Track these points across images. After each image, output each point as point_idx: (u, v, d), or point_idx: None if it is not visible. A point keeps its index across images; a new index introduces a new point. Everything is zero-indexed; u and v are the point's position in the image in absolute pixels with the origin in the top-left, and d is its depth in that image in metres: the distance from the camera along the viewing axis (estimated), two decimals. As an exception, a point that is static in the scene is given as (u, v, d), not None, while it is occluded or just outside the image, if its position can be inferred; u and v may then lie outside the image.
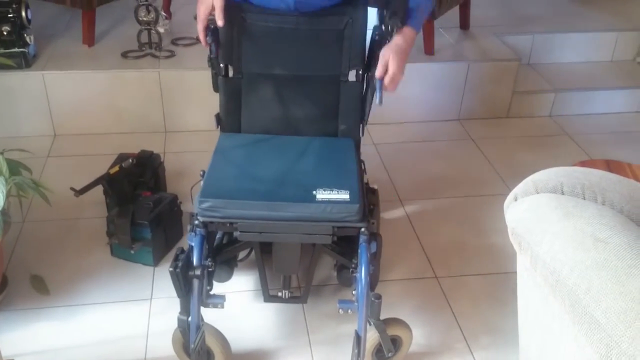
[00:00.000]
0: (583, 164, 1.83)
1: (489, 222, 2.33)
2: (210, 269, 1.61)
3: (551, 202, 1.07)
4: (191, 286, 1.50)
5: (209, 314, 1.58)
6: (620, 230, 1.00)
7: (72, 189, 2.12)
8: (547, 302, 1.03)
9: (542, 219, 1.04)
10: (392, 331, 1.66)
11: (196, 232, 1.52)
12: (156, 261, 2.05)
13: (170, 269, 1.46)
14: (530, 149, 2.87)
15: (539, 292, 1.06)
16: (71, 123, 2.76)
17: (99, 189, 2.17)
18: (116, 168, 2.16)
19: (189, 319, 1.52)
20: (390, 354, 1.67)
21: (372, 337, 1.62)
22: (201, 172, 1.70)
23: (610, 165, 1.76)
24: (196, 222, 1.52)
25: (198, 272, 1.49)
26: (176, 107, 2.80)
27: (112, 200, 2.15)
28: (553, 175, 1.18)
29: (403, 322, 1.70)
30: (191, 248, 1.52)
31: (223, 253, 1.72)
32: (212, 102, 1.80)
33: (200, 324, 1.53)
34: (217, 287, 1.67)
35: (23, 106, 2.70)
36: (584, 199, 1.12)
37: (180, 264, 1.46)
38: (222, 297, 1.61)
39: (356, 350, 1.49)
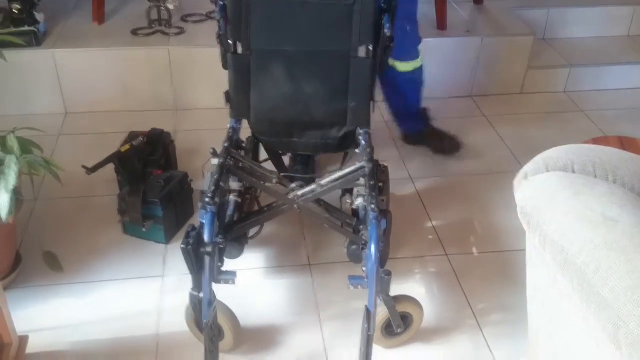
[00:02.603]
0: (596, 140, 1.81)
1: (500, 200, 2.31)
2: (221, 246, 1.62)
3: (561, 180, 1.06)
4: (203, 263, 1.51)
5: (220, 291, 1.59)
6: (630, 209, 0.99)
7: (83, 167, 2.13)
8: (556, 281, 1.02)
9: (552, 198, 1.03)
10: (402, 308, 1.67)
11: (207, 210, 1.53)
12: (168, 239, 2.07)
13: (182, 246, 1.47)
14: (544, 125, 2.84)
15: (547, 271, 1.06)
16: (82, 101, 2.76)
17: (110, 167, 2.18)
18: (127, 146, 2.17)
19: (201, 295, 1.53)
20: (399, 330, 1.68)
21: (381, 312, 1.63)
22: (211, 150, 1.70)
23: (624, 142, 1.73)
24: (206, 199, 1.53)
25: (209, 249, 1.49)
26: (186, 85, 2.79)
27: (124, 179, 2.16)
28: (563, 154, 1.17)
29: (413, 299, 1.71)
30: (202, 225, 1.52)
31: (234, 230, 1.73)
32: (223, 80, 1.79)
33: (212, 300, 1.55)
34: (228, 264, 1.68)
35: (34, 84, 2.71)
36: (595, 177, 1.11)
37: (191, 241, 1.47)
38: (233, 274, 1.62)
39: (366, 325, 1.50)
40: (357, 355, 1.55)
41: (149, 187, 2.02)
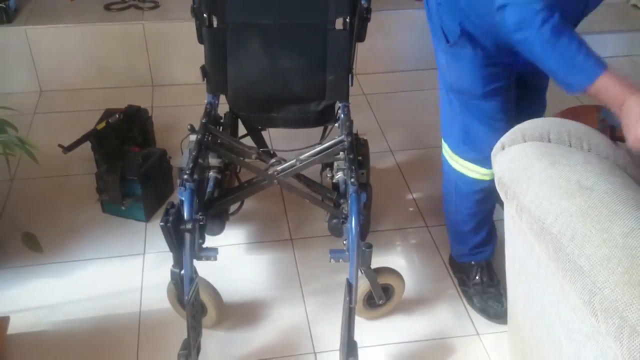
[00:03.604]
0: (574, 109, 1.82)
1: (479, 170, 2.32)
2: (201, 223, 1.61)
3: (537, 150, 1.07)
4: (183, 240, 1.51)
5: (202, 267, 1.59)
6: (606, 177, 1.01)
7: (60, 145, 2.11)
8: (533, 250, 1.04)
9: (528, 168, 1.04)
10: (383, 279, 1.69)
11: (186, 187, 1.52)
12: (148, 216, 2.06)
13: (161, 224, 1.46)
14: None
15: (524, 240, 1.07)
16: (57, 78, 2.72)
17: (87, 145, 2.15)
18: (103, 124, 2.14)
19: (182, 272, 1.53)
20: (381, 301, 1.69)
21: (363, 285, 1.64)
22: (189, 126, 1.69)
23: (600, 111, 1.74)
24: (185, 176, 1.52)
25: (189, 226, 1.49)
26: (162, 60, 2.76)
27: (101, 157, 2.14)
28: (540, 124, 1.18)
29: (394, 270, 1.72)
30: (182, 202, 1.52)
31: (214, 207, 1.73)
32: (200, 54, 1.77)
33: (193, 276, 1.55)
34: (210, 241, 1.68)
35: (6, 62, 2.65)
36: (570, 146, 1.12)
37: (171, 219, 1.46)
38: (214, 250, 1.62)
39: (348, 298, 1.51)
40: (340, 327, 1.57)
41: (127, 164, 2.00)
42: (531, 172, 1.02)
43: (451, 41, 1.54)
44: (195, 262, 1.55)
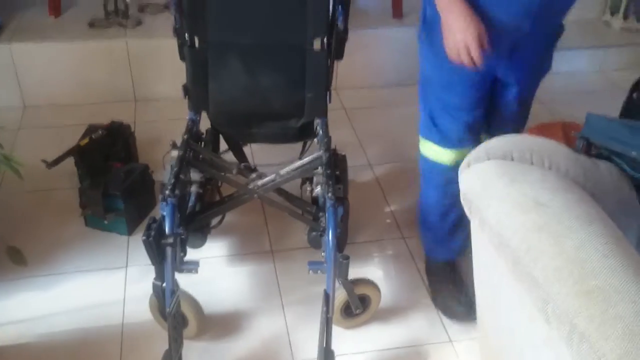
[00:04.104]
0: (542, 125, 1.90)
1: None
2: (182, 237, 1.66)
3: (499, 168, 1.14)
4: (165, 254, 1.55)
5: (183, 279, 1.64)
6: (562, 193, 1.07)
7: (43, 161, 2.14)
8: (495, 261, 1.10)
9: (489, 185, 1.10)
10: (360, 290, 1.74)
11: (167, 202, 1.56)
12: (130, 230, 2.10)
13: (143, 238, 1.51)
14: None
15: (487, 252, 1.13)
16: (41, 94, 2.75)
17: (70, 160, 2.19)
18: (86, 140, 2.18)
19: (164, 284, 1.58)
20: (358, 311, 1.75)
21: (340, 295, 1.70)
22: (171, 142, 1.73)
23: (565, 127, 1.83)
24: (166, 192, 1.57)
25: (170, 240, 1.54)
26: (145, 76, 2.80)
27: (84, 172, 2.17)
28: (504, 143, 1.24)
29: (371, 281, 1.78)
30: (163, 217, 1.56)
31: (196, 221, 1.77)
32: (182, 71, 1.81)
33: (174, 289, 1.59)
34: (192, 253, 1.73)
35: (-10, 78, 2.69)
36: (532, 164, 1.19)
37: (152, 233, 1.51)
38: (195, 263, 1.66)
39: (325, 308, 1.56)
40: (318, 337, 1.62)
41: (110, 180, 2.04)
42: (492, 189, 1.09)
43: (422, 29, 1.67)
44: (177, 275, 1.60)
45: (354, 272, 1.68)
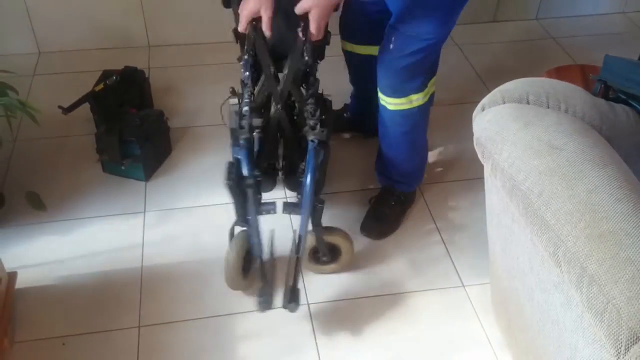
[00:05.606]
0: (558, 69, 1.86)
1: (469, 130, 2.36)
2: (259, 179, 1.63)
3: (513, 112, 1.12)
4: (246, 196, 1.57)
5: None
6: (576, 137, 1.06)
7: (59, 107, 2.15)
8: (507, 206, 1.10)
9: (503, 129, 1.09)
10: (330, 239, 1.74)
11: (241, 146, 1.56)
12: (147, 176, 2.12)
13: (226, 182, 1.54)
14: (516, 54, 2.87)
15: (499, 196, 1.13)
16: (55, 40, 2.74)
17: (86, 106, 2.20)
18: (101, 85, 2.18)
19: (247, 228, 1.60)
20: (324, 259, 1.76)
21: (309, 239, 1.68)
22: (230, 89, 1.71)
23: (585, 70, 1.79)
24: (242, 135, 1.55)
25: (251, 181, 1.55)
26: (158, 20, 2.77)
27: (100, 118, 2.18)
28: (520, 85, 1.23)
29: (343, 232, 1.76)
30: (238, 161, 1.56)
31: (261, 158, 1.75)
32: (197, 13, 1.74)
33: (260, 231, 1.60)
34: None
35: (4, 24, 2.67)
36: (548, 107, 1.18)
37: (233, 177, 1.53)
38: (273, 204, 1.66)
39: (293, 248, 1.59)
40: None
41: (126, 125, 2.05)
42: (506, 133, 1.08)
43: None
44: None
45: (331, 222, 1.66)
